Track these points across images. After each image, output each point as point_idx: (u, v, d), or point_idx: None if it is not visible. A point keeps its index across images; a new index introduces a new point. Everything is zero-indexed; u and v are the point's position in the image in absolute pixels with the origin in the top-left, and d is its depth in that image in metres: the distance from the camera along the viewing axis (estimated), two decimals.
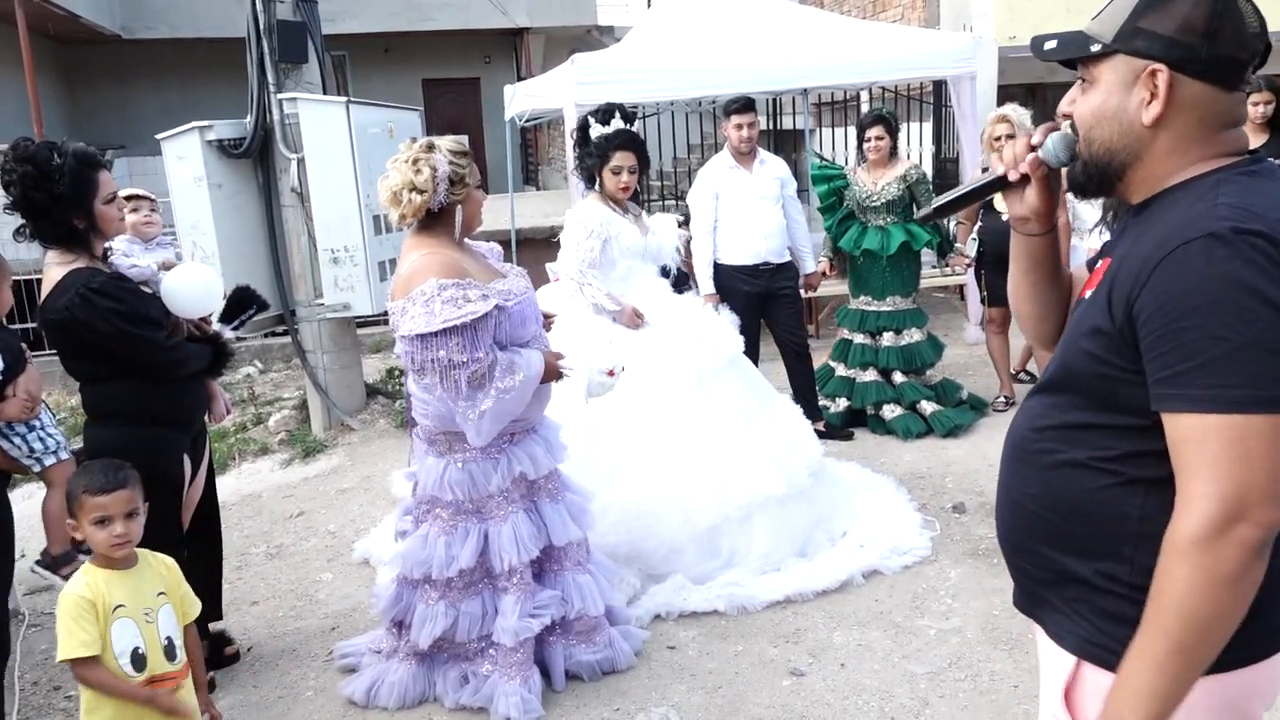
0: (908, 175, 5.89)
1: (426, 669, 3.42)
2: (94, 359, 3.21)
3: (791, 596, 3.93)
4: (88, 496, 2.46)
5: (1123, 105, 1.41)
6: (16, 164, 3.06)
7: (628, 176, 4.25)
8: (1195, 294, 1.25)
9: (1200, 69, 1.35)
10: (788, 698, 3.32)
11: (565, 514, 3.38)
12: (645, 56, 7.58)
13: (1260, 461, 1.23)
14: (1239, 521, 1.23)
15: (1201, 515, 1.24)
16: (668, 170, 13.87)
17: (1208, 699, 1.37)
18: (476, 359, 2.95)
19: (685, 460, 4.09)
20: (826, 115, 12.07)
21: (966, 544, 4.38)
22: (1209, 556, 1.24)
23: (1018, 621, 3.67)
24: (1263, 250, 1.24)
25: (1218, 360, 1.23)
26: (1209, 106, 1.37)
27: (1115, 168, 1.45)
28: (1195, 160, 1.39)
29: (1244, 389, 1.22)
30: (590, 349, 3.42)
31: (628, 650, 3.53)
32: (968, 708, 3.20)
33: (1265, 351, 1.22)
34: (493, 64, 19.05)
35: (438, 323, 2.91)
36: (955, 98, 8.00)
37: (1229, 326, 1.23)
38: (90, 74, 16.97)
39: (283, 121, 6.12)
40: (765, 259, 5.63)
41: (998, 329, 6.14)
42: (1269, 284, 1.23)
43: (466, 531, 3.25)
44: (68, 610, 2.42)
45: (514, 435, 3.25)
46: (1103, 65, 1.44)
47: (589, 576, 3.45)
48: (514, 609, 3.24)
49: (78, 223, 3.15)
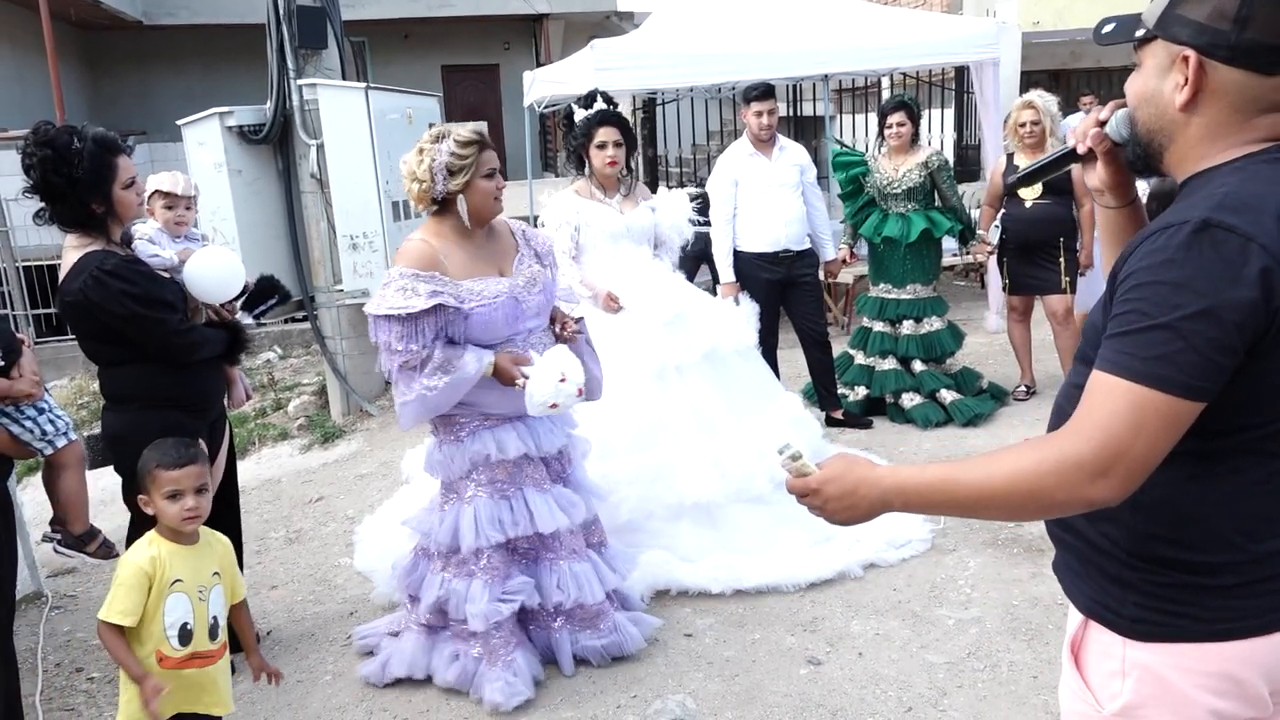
0: (929, 162, 5.84)
1: (431, 642, 3.47)
2: (110, 342, 3.22)
3: (781, 584, 3.92)
4: (161, 471, 2.52)
5: (1159, 89, 1.45)
6: (36, 148, 3.08)
7: (613, 150, 4.30)
8: (1147, 271, 1.32)
9: (1230, 55, 1.36)
10: (805, 686, 3.32)
11: (552, 503, 3.36)
12: (665, 42, 7.56)
13: (1146, 435, 1.31)
14: (1102, 475, 1.32)
15: (1083, 447, 1.32)
16: (686, 157, 13.83)
17: (1203, 665, 1.41)
18: (410, 350, 3.09)
19: (620, 452, 4.08)
20: (847, 101, 12.01)
21: (986, 533, 4.36)
22: (1061, 478, 1.33)
23: (1037, 611, 3.66)
24: (1218, 242, 1.28)
25: (1138, 334, 1.31)
26: (1242, 92, 1.38)
27: (1155, 149, 1.49)
28: (1229, 145, 1.40)
29: (1152, 364, 1.30)
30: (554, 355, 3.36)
31: (636, 635, 3.52)
32: (986, 698, 3.19)
33: (1177, 336, 1.28)
34: (512, 50, 19.02)
35: (383, 308, 3.09)
36: (978, 84, 7.93)
37: (1153, 304, 1.30)
38: (112, 60, 17.06)
39: (302, 107, 6.14)
40: (785, 246, 5.60)
41: (1019, 317, 6.09)
42: (1203, 276, 1.28)
43: (446, 511, 3.35)
44: (125, 576, 2.47)
45: (488, 419, 3.29)
46: (1147, 49, 1.47)
47: (587, 565, 3.45)
48: (482, 593, 3.28)
49: (96, 207, 3.16)
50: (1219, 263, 1.28)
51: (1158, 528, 1.42)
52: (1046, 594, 3.79)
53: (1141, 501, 1.40)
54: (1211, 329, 1.27)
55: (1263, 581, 1.39)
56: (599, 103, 4.39)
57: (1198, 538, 1.41)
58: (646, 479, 4.07)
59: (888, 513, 1.49)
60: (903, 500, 1.47)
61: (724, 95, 10.25)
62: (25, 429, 3.06)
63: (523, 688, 3.27)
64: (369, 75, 16.96)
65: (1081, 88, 12.40)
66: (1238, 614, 1.39)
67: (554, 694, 3.34)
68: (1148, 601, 1.44)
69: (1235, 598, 1.39)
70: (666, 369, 4.25)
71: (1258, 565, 1.39)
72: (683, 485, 4.10)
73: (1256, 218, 1.29)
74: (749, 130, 5.61)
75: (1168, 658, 1.43)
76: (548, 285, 3.42)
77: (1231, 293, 1.27)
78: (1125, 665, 1.46)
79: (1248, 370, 1.32)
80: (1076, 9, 11.04)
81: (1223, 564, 1.40)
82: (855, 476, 1.49)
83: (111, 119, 14.90)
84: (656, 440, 4.14)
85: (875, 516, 1.50)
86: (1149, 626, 1.44)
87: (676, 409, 4.21)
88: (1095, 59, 13.18)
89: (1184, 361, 1.28)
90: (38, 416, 3.08)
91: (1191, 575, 1.41)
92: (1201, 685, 1.42)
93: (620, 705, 3.27)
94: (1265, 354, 1.31)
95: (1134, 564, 1.44)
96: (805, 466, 1.54)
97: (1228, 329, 1.27)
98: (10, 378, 3.00)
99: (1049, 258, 5.78)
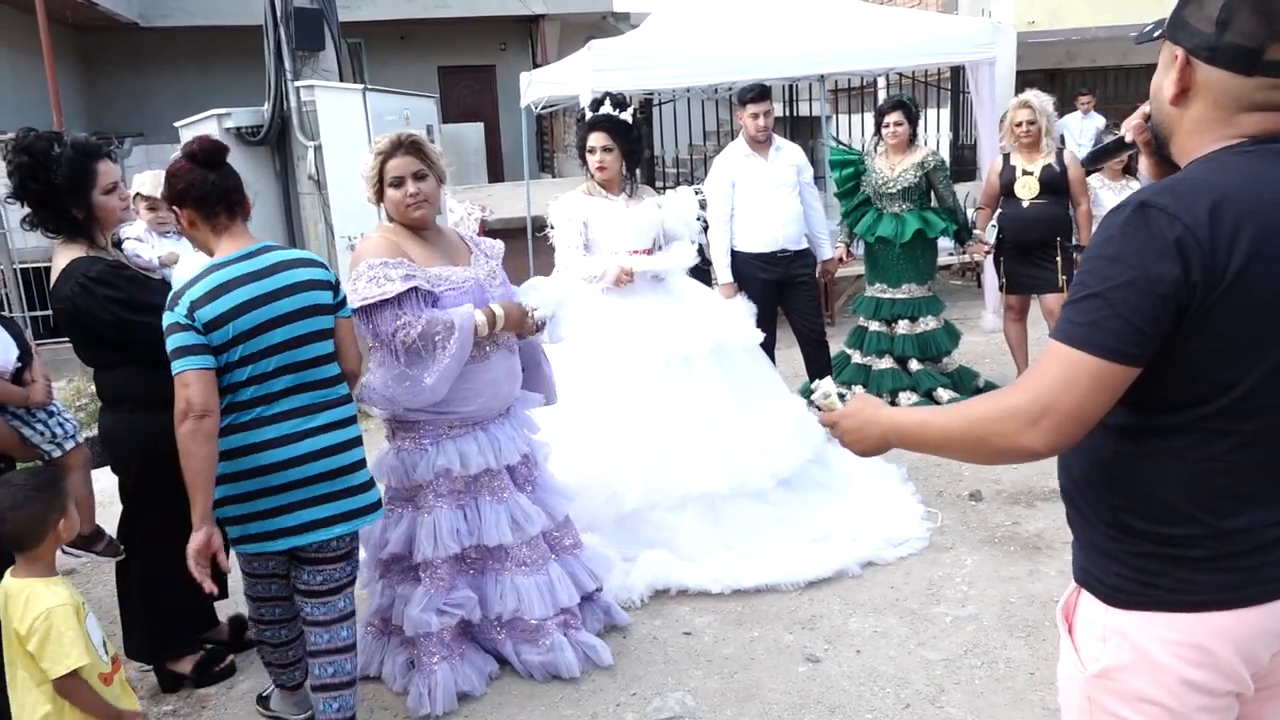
0: (925, 162, 5.86)
1: (381, 644, 3.47)
2: (101, 346, 3.24)
3: (779, 584, 3.93)
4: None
5: (1161, 85, 1.57)
6: (15, 154, 3.10)
7: (601, 155, 4.33)
8: (1093, 247, 1.48)
9: (1211, 55, 1.47)
10: (803, 684, 3.34)
11: (504, 516, 3.32)
12: (661, 43, 7.57)
13: (1075, 392, 1.44)
14: (1033, 424, 1.46)
15: (1019, 398, 1.48)
16: (683, 157, 13.84)
17: (1174, 634, 1.50)
18: (409, 323, 3.06)
19: (625, 442, 4.10)
20: (843, 101, 12.01)
21: (983, 531, 4.38)
22: (1000, 425, 1.50)
23: (1034, 609, 3.68)
24: (1149, 220, 1.40)
25: (1078, 302, 1.46)
26: (1224, 90, 1.48)
27: (1163, 140, 1.61)
28: (1214, 139, 1.51)
29: (1084, 329, 1.44)
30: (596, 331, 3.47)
31: (571, 661, 3.38)
32: (983, 694, 3.21)
33: (1106, 304, 1.42)
34: (508, 51, 19.03)
35: (358, 300, 3.09)
36: (973, 84, 7.94)
37: (1093, 276, 1.45)
38: (108, 62, 17.05)
39: (300, 109, 6.15)
40: (782, 246, 5.61)
41: (1016, 316, 6.11)
42: (1132, 250, 1.41)
43: (400, 517, 3.33)
44: (58, 622, 2.37)
45: (452, 428, 3.27)
46: (1163, 50, 1.59)
47: (536, 579, 3.38)
48: (421, 600, 3.26)
49: (76, 213, 3.17)
50: (1148, 238, 1.40)
51: (1125, 500, 1.54)
52: (1043, 591, 3.80)
53: (1113, 476, 1.55)
54: (1135, 297, 1.40)
55: (1228, 557, 1.48)
56: (606, 106, 4.40)
57: (1160, 512, 1.51)
58: (652, 469, 4.09)
59: (890, 448, 1.71)
60: (897, 437, 1.69)
61: (721, 96, 10.26)
62: (35, 431, 3.06)
63: (430, 703, 3.23)
64: (365, 77, 16.95)
65: (1077, 87, 12.43)
66: (1204, 587, 1.49)
67: (553, 692, 3.36)
68: (1126, 571, 1.54)
69: (1201, 571, 1.49)
70: (674, 361, 4.27)
71: (1221, 541, 1.48)
72: (688, 477, 4.11)
73: (1190, 200, 1.40)
74: (745, 132, 5.62)
75: (1142, 625, 1.53)
76: (506, 281, 3.42)
77: (1155, 266, 1.39)
78: (1106, 631, 1.57)
79: (1180, 344, 1.42)
80: (1071, 9, 11.06)
81: (1188, 537, 1.49)
82: (865, 415, 1.73)
83: (108, 121, 14.93)
84: (663, 431, 4.15)
85: (881, 450, 1.73)
86: (1126, 595, 1.54)
87: (683, 401, 4.23)
88: (1090, 58, 13.21)
89: (1110, 327, 1.42)
90: (48, 420, 3.09)
91: (1164, 547, 1.51)
92: (1173, 654, 1.51)
93: (620, 703, 3.28)
94: (1193, 329, 1.41)
95: (1113, 535, 1.56)
96: (833, 404, 1.85)
97: (1151, 299, 1.40)
98: (23, 382, 3.00)
99: (1046, 257, 5.79)
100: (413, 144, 3.22)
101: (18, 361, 3.00)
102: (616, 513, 4.06)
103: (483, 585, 3.42)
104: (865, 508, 4.45)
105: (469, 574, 3.42)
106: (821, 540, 4.20)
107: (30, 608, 2.39)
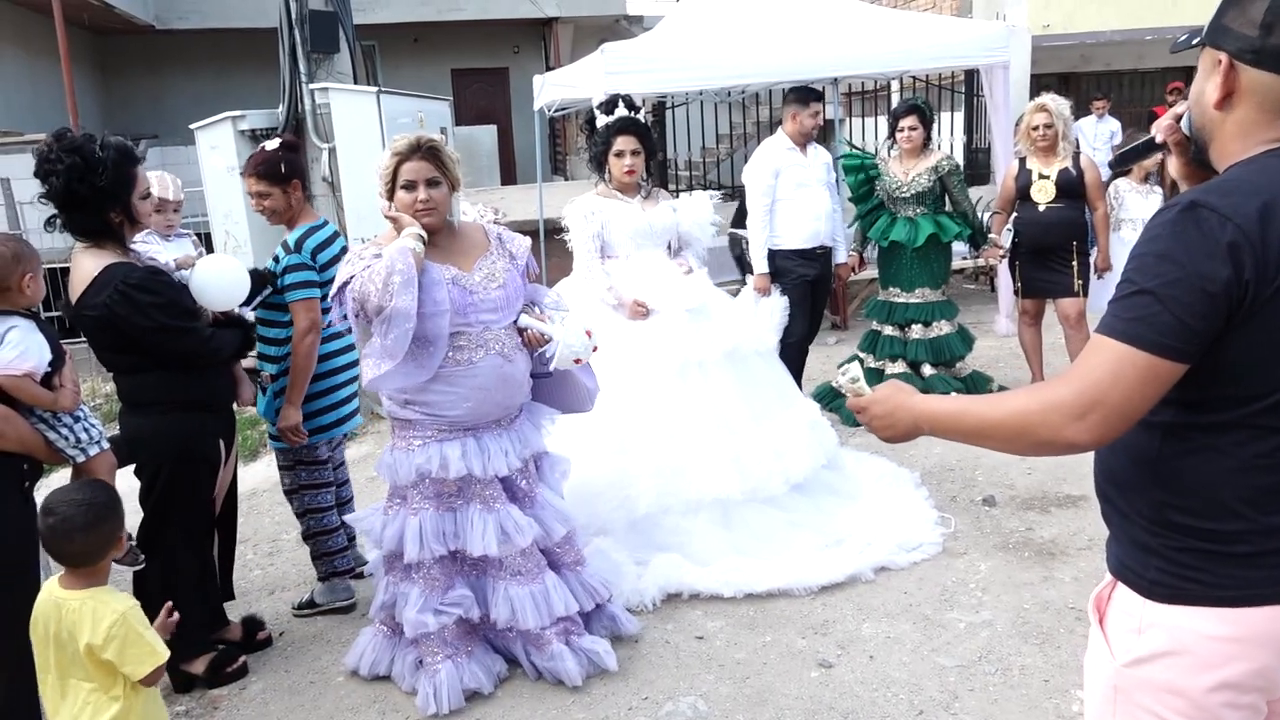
0: (939, 166, 5.84)
1: (391, 644, 3.48)
2: (134, 352, 3.24)
3: (792, 588, 3.91)
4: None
5: (1203, 90, 1.58)
6: (64, 154, 3.04)
7: (630, 159, 4.36)
8: (1141, 245, 1.49)
9: (1256, 58, 1.48)
10: (816, 689, 3.32)
11: (491, 526, 3.26)
12: (675, 46, 7.56)
13: (1123, 386, 1.45)
14: (1079, 418, 1.47)
15: (1065, 392, 1.49)
16: (696, 160, 13.84)
17: (1211, 629, 1.50)
18: (359, 279, 3.09)
19: (639, 446, 4.10)
20: (856, 105, 12.00)
21: (997, 537, 4.35)
22: (1045, 417, 1.50)
23: (1048, 615, 3.65)
24: (1200, 219, 1.41)
25: (1126, 298, 1.47)
26: (1268, 93, 1.50)
27: (1203, 144, 1.63)
28: (1257, 142, 1.52)
29: (1133, 324, 1.45)
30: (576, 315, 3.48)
31: (572, 670, 3.35)
32: (997, 701, 3.19)
33: (1155, 300, 1.43)
34: (521, 54, 19.05)
35: (334, 286, 3.19)
36: (988, 87, 7.92)
37: (1141, 274, 1.46)
38: (124, 64, 17.12)
39: (314, 111, 6.17)
40: (821, 242, 5.71)
41: (1031, 321, 6.08)
42: (1181, 248, 1.42)
43: (395, 515, 3.35)
44: (137, 620, 2.47)
45: (441, 432, 3.25)
46: (1202, 56, 1.61)
47: (530, 589, 3.35)
48: (416, 601, 3.28)
49: (114, 216, 3.17)
50: (1198, 237, 1.41)
51: (1170, 496, 1.54)
52: (1057, 598, 3.78)
53: (1157, 472, 1.55)
54: (1186, 295, 1.41)
55: (1273, 553, 1.48)
56: (621, 109, 4.42)
57: (1205, 507, 1.51)
58: (666, 473, 4.08)
59: (920, 435, 1.73)
60: (929, 425, 1.69)
61: (733, 99, 10.26)
62: (60, 435, 3.03)
63: (437, 702, 3.24)
64: (379, 79, 16.99)
65: (1091, 91, 12.38)
66: (1247, 583, 1.49)
67: (565, 695, 3.35)
68: (1167, 566, 1.55)
69: (1245, 566, 1.49)
70: (689, 365, 4.27)
71: (1267, 537, 1.48)
72: (702, 481, 4.11)
73: (1240, 200, 1.42)
74: (795, 129, 5.66)
75: (1180, 619, 1.53)
76: (511, 282, 3.35)
77: (1206, 264, 1.40)
78: (1142, 623, 1.58)
79: (1230, 342, 1.43)
80: (1086, 12, 11.02)
81: (1233, 533, 1.49)
82: (895, 402, 1.75)
83: (124, 122, 14.99)
84: (677, 436, 4.14)
85: (911, 437, 1.74)
86: (1165, 589, 1.55)
87: (698, 405, 4.23)
88: (1105, 62, 13.14)
89: (1159, 323, 1.43)
90: (74, 424, 3.06)
91: (1207, 542, 1.51)
92: (1208, 648, 1.51)
93: (632, 707, 3.27)
94: (1243, 326, 1.42)
95: (1155, 530, 1.56)
96: (862, 388, 1.84)
97: (1201, 296, 1.41)
98: (53, 386, 2.99)
99: (1062, 261, 5.77)
100: (431, 149, 3.21)
101: (49, 366, 3.00)
102: (629, 516, 4.06)
103: (483, 586, 3.42)
104: (878, 513, 4.43)
105: (470, 575, 3.42)
106: (835, 545, 4.18)
107: (101, 618, 2.43)
